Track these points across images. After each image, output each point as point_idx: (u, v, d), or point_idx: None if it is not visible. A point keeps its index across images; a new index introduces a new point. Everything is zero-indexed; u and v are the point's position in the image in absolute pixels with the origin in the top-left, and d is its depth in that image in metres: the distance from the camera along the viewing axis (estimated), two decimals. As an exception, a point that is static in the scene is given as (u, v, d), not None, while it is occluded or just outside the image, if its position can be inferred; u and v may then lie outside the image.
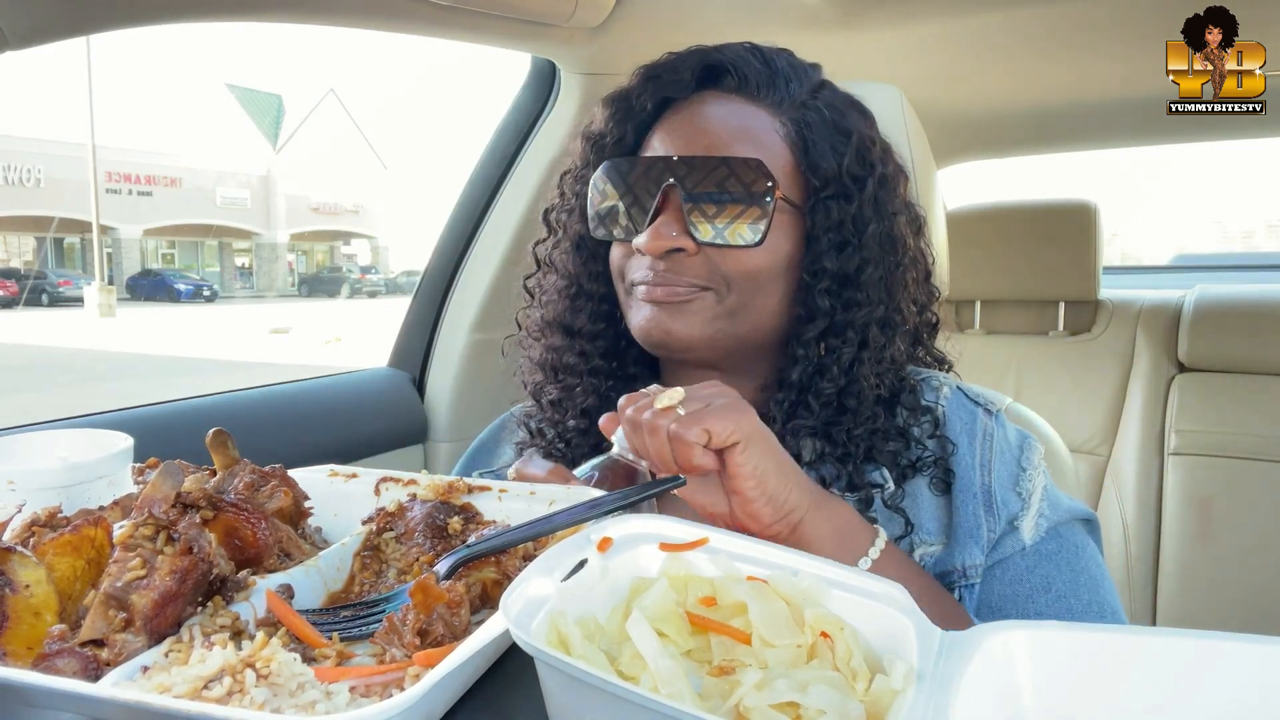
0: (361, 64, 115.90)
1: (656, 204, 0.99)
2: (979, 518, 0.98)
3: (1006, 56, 2.13)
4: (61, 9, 1.10)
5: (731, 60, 1.03)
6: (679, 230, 0.98)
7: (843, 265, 1.00)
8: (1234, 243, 56.95)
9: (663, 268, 0.99)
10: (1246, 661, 0.54)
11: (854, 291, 1.00)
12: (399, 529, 0.79)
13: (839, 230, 1.00)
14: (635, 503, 0.78)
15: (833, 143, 1.01)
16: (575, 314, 1.12)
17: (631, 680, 0.54)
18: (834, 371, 1.00)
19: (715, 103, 1.03)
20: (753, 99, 1.03)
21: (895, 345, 1.04)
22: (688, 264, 0.99)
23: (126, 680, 0.55)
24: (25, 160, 32.17)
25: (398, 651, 0.60)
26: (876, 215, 1.01)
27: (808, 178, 1.01)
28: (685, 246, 0.98)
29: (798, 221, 1.02)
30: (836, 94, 1.07)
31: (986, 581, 0.98)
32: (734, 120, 1.01)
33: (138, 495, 0.77)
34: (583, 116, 1.93)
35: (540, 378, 1.16)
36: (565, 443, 1.11)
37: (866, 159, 1.02)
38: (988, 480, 1.00)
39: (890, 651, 0.59)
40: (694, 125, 1.03)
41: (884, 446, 1.01)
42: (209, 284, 36.50)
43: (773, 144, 1.01)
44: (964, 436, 1.03)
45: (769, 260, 1.00)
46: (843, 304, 1.01)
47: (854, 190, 1.00)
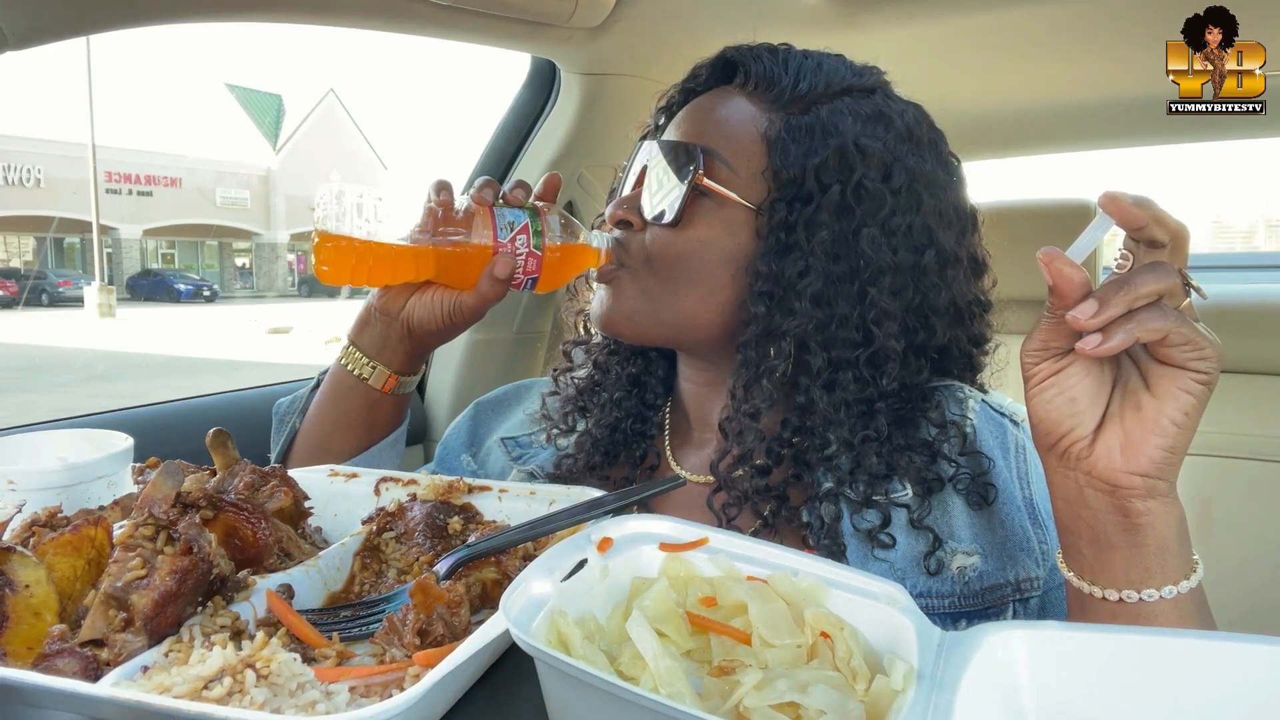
0: (362, 64, 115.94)
1: (634, 185, 1.05)
2: (1027, 530, 0.94)
3: (1006, 56, 2.13)
4: (61, 9, 1.10)
5: (741, 58, 1.05)
6: (632, 204, 1.03)
7: (783, 268, 0.96)
8: (1234, 242, 56.95)
9: (615, 247, 1.04)
10: (1246, 661, 0.54)
11: (791, 299, 0.96)
12: (399, 529, 0.79)
13: (786, 233, 0.96)
14: (635, 502, 0.78)
15: (810, 146, 0.97)
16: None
17: (631, 680, 0.54)
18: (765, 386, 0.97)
19: (718, 96, 1.05)
20: (750, 96, 1.03)
21: (859, 367, 0.97)
22: (629, 241, 1.03)
23: (126, 680, 0.55)
24: (25, 160, 32.16)
25: (398, 651, 0.60)
26: (837, 222, 0.96)
27: (771, 177, 0.99)
28: (631, 220, 1.03)
29: (747, 219, 0.99)
30: (868, 101, 1.02)
31: (1053, 604, 0.93)
32: (718, 113, 1.03)
33: (138, 495, 0.77)
34: (583, 116, 1.94)
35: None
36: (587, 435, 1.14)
37: (847, 164, 0.97)
38: (1029, 493, 0.96)
39: (890, 651, 0.59)
40: (688, 113, 1.06)
41: (899, 460, 0.96)
42: (209, 284, 36.50)
43: (745, 139, 1.00)
44: (997, 451, 0.99)
45: (693, 249, 0.99)
46: (780, 310, 0.96)
47: (815, 194, 0.96)
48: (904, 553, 0.93)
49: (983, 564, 0.93)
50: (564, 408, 1.17)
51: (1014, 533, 0.95)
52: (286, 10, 1.44)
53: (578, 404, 1.16)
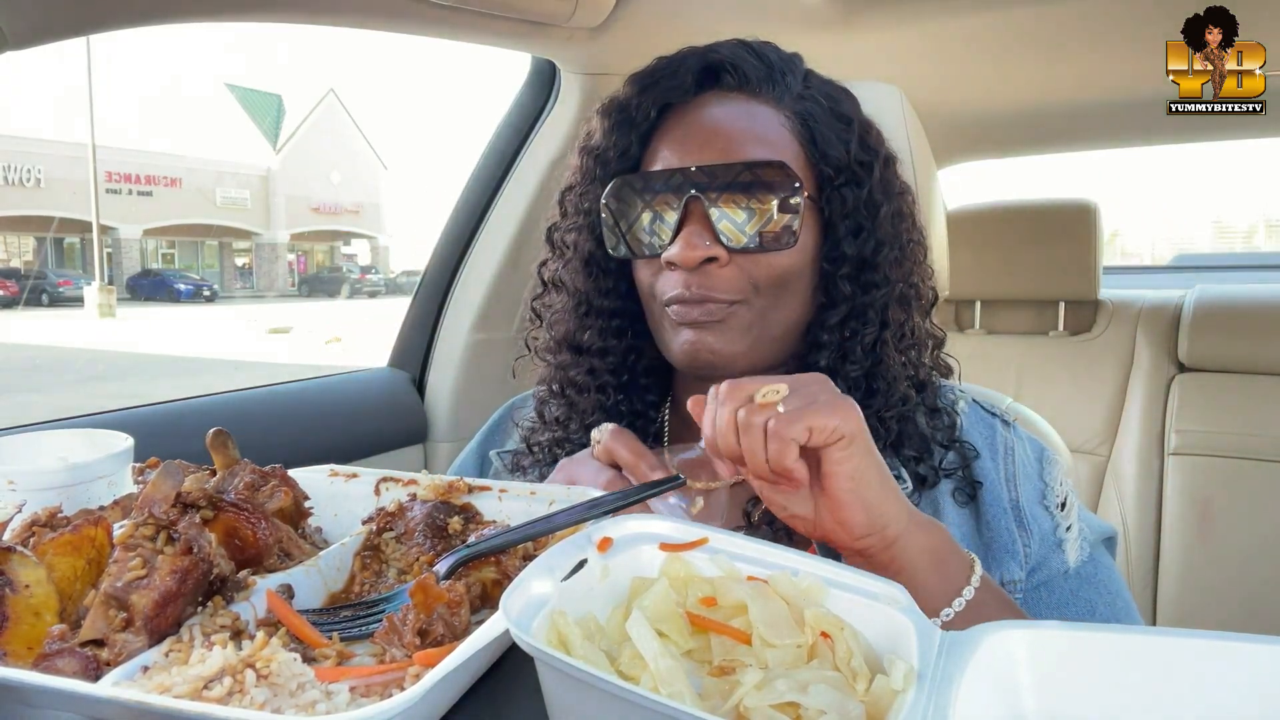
0: (362, 64, 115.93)
1: (680, 217, 0.96)
2: (1013, 533, 0.96)
3: (1007, 56, 2.13)
4: (61, 9, 1.10)
5: (729, 59, 1.02)
6: (710, 240, 0.96)
7: (860, 250, 1.00)
8: (1234, 242, 56.96)
9: (696, 282, 0.96)
10: (1246, 661, 0.54)
11: (871, 274, 1.01)
12: (399, 529, 0.79)
13: (854, 216, 1.01)
14: (635, 502, 0.78)
15: (836, 131, 1.01)
16: (583, 331, 1.10)
17: (631, 680, 0.54)
18: (858, 354, 1.00)
19: (719, 104, 1.02)
20: (754, 96, 1.02)
21: (913, 319, 1.04)
22: (719, 275, 0.96)
23: (126, 680, 0.55)
24: (25, 160, 32.19)
25: (398, 651, 0.60)
26: (886, 197, 1.02)
27: (819, 168, 1.01)
28: (718, 256, 0.96)
29: (815, 213, 1.02)
30: (825, 82, 1.08)
31: (1031, 603, 0.96)
32: (743, 120, 1.00)
33: (138, 495, 0.77)
34: (583, 116, 1.94)
35: (544, 393, 1.14)
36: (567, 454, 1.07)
37: (868, 143, 1.03)
38: (1015, 495, 0.98)
39: (890, 651, 0.58)
40: (704, 129, 1.00)
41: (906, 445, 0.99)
42: (209, 284, 36.53)
43: (782, 139, 1.00)
44: (985, 449, 1.01)
45: (797, 259, 1.00)
46: (861, 287, 1.01)
47: (864, 175, 1.01)
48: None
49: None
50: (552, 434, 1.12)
51: (999, 535, 0.96)
52: (286, 10, 1.44)
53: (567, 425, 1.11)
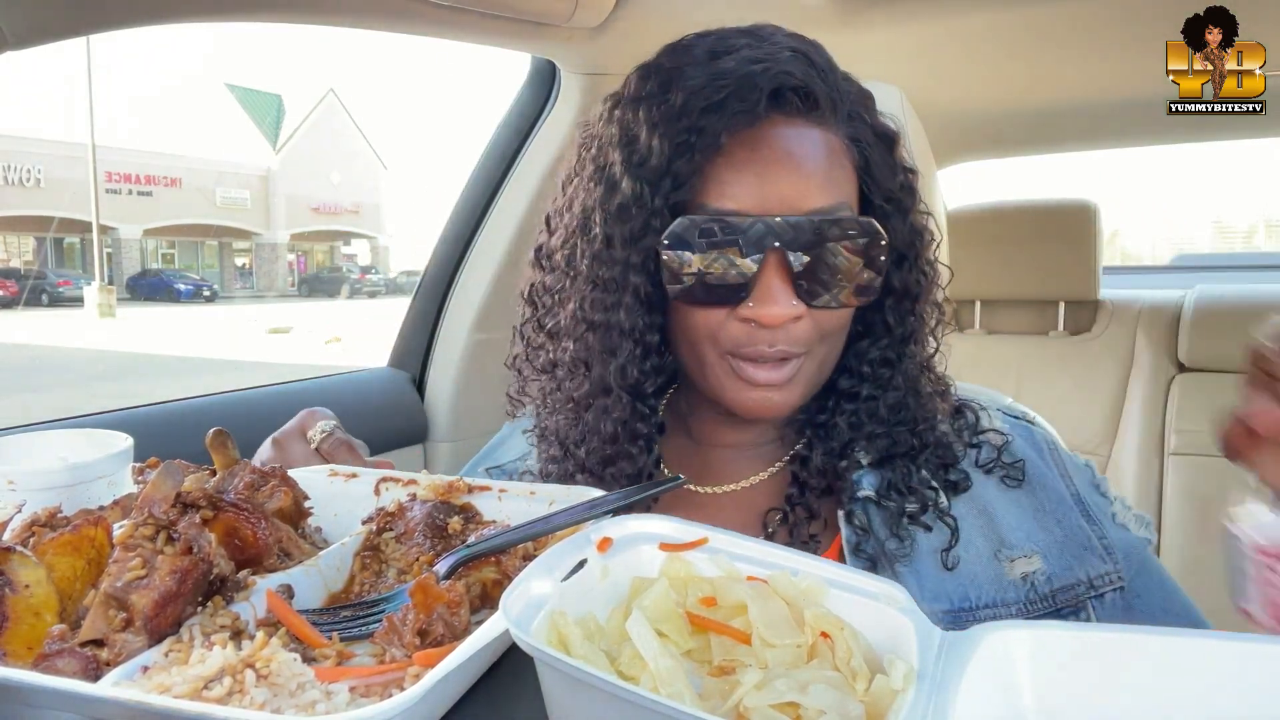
0: (362, 64, 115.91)
1: (759, 267, 0.89)
2: (1084, 527, 0.94)
3: (1006, 56, 2.13)
4: (61, 9, 1.10)
5: (803, 83, 0.90)
6: (794, 297, 0.90)
7: (904, 281, 0.97)
8: (1234, 243, 57.00)
9: (773, 339, 0.91)
10: (1246, 661, 0.54)
11: (910, 302, 0.98)
12: (399, 529, 0.79)
13: (898, 246, 0.96)
14: (635, 502, 0.78)
15: (884, 158, 0.96)
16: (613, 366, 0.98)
17: (631, 680, 0.54)
18: (899, 382, 0.98)
19: (788, 132, 0.91)
20: (819, 122, 0.92)
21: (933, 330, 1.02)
22: (794, 329, 0.91)
23: (126, 680, 0.55)
24: (25, 160, 32.20)
25: (398, 651, 0.60)
26: (919, 217, 0.99)
27: (873, 201, 0.96)
28: (801, 314, 0.91)
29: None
30: (859, 90, 0.99)
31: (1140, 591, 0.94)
32: (815, 158, 0.91)
33: (138, 495, 0.77)
34: (583, 116, 1.94)
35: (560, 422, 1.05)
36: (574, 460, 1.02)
37: (905, 165, 0.99)
38: (1074, 488, 0.97)
39: (890, 651, 0.58)
40: (779, 168, 0.90)
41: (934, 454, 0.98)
42: (209, 284, 36.56)
43: (845, 174, 0.93)
44: (1030, 451, 1.00)
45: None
46: (899, 316, 0.98)
47: (908, 202, 0.98)
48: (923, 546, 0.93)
49: (1047, 565, 0.92)
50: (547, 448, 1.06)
51: (1072, 531, 0.94)
52: (286, 10, 1.44)
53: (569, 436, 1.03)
